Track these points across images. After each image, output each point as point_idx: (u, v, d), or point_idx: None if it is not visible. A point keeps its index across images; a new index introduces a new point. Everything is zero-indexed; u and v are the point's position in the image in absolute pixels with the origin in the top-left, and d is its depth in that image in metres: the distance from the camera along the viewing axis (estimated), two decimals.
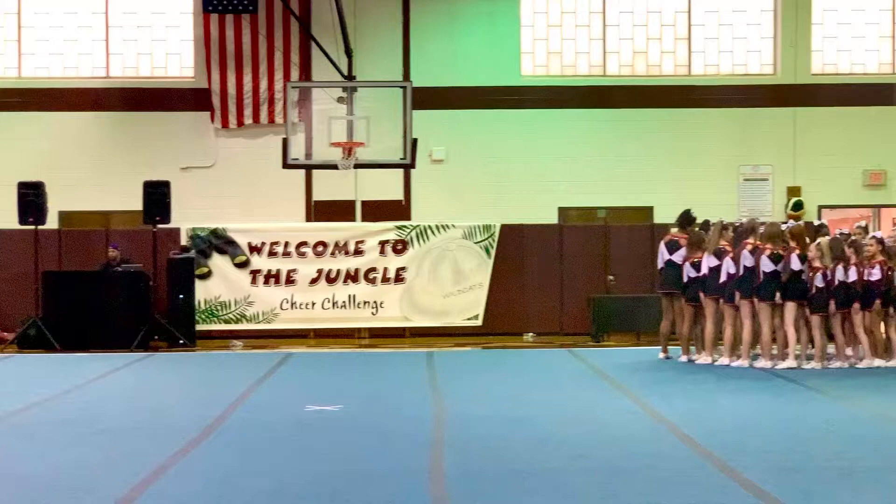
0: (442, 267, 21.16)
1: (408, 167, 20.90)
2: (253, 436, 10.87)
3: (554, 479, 8.84)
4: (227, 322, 20.85)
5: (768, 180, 23.67)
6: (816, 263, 15.63)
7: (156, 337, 19.66)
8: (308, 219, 23.04)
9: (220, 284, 20.80)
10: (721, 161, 23.47)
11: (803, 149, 23.59)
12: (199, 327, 20.28)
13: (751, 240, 15.96)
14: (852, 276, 15.69)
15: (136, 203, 20.57)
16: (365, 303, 20.99)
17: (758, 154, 23.62)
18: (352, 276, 20.93)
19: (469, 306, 21.18)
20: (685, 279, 16.57)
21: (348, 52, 20.69)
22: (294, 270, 20.86)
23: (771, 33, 23.89)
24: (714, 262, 16.16)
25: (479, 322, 21.12)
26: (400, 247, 21.05)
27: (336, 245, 20.98)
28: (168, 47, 23.67)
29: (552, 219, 23.15)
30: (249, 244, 20.89)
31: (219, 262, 20.86)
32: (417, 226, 21.33)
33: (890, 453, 9.89)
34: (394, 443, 10.39)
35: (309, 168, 21.96)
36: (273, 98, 22.91)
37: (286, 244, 20.92)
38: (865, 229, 16.89)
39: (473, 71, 23.45)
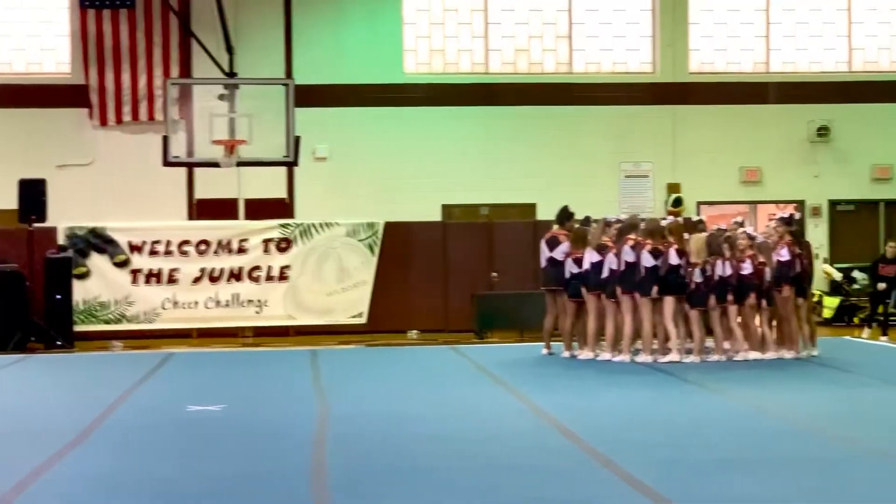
0: (326, 265, 21.06)
1: (291, 165, 20.78)
2: (133, 437, 10.70)
3: (437, 476, 8.85)
4: (106, 322, 20.48)
5: (649, 177, 24.02)
6: (694, 259, 15.90)
7: (32, 339, 19.25)
8: (190, 217, 22.79)
9: (99, 284, 20.42)
10: (602, 158, 23.76)
11: (682, 146, 23.99)
12: (77, 328, 19.90)
13: (632, 236, 16.16)
14: (728, 270, 15.98)
15: (10, 202, 20.13)
16: (249, 301, 20.80)
17: (638, 151, 23.96)
18: (235, 275, 20.73)
19: (353, 304, 21.11)
20: (567, 275, 16.70)
21: (229, 49, 20.51)
22: (176, 269, 20.58)
23: (650, 32, 24.25)
24: (596, 257, 16.32)
25: (363, 320, 21.07)
26: (284, 245, 20.90)
27: (219, 243, 20.74)
28: (43, 43, 23.20)
29: (436, 216, 23.22)
30: (130, 243, 20.55)
31: (98, 262, 20.48)
32: (301, 224, 21.20)
33: (765, 444, 10.10)
34: (276, 442, 10.31)
35: (190, 166, 21.71)
36: (153, 95, 22.59)
37: (168, 243, 20.62)
38: (741, 225, 17.20)
39: (356, 68, 23.41)
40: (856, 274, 23.62)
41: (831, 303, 22.98)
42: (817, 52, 24.61)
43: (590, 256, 16.38)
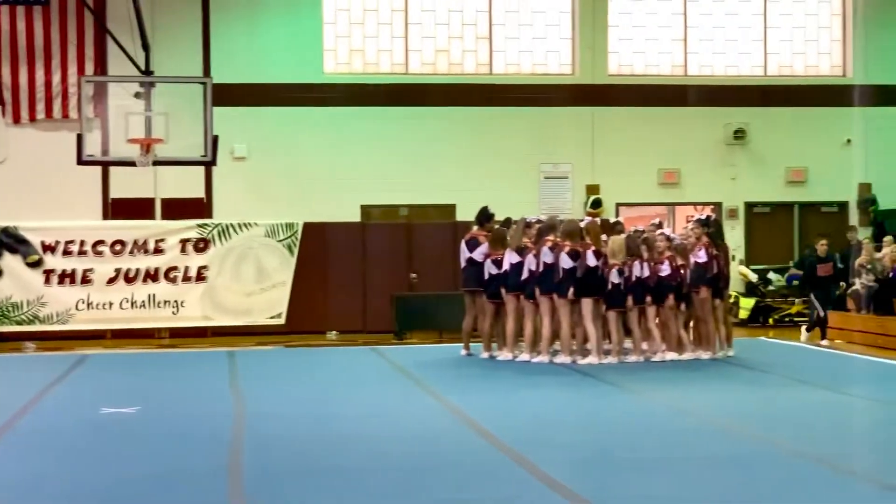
0: (244, 265, 20.88)
1: (209, 164, 20.55)
2: (46, 440, 10.51)
3: (354, 477, 8.80)
4: (19, 324, 20.12)
5: (568, 178, 24.13)
6: (612, 260, 15.98)
7: None
8: (105, 217, 22.47)
9: (11, 285, 20.05)
10: (522, 159, 23.82)
11: (601, 148, 24.12)
12: None
13: (551, 237, 16.20)
14: (646, 272, 16.08)
15: None
16: (165, 302, 20.55)
17: (558, 153, 24.06)
18: (151, 276, 20.47)
19: (272, 305, 20.95)
20: (486, 276, 16.71)
21: (146, 47, 20.20)
22: (90, 270, 20.27)
23: (569, 34, 24.35)
24: (515, 258, 16.33)
25: (282, 321, 20.92)
26: (201, 245, 20.68)
27: (135, 243, 20.46)
28: None
29: (355, 217, 23.13)
30: (43, 243, 20.20)
31: (10, 262, 20.10)
32: (219, 224, 21.00)
33: (681, 443, 10.17)
34: (192, 444, 10.19)
35: (105, 165, 21.38)
36: (67, 92, 22.26)
37: (82, 243, 20.30)
38: (659, 226, 17.33)
39: (276, 68, 23.25)
40: (771, 275, 23.92)
41: (747, 304, 23.25)
42: (734, 55, 24.89)
43: (509, 258, 16.39)
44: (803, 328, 19.85)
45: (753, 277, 23.84)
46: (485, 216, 17.32)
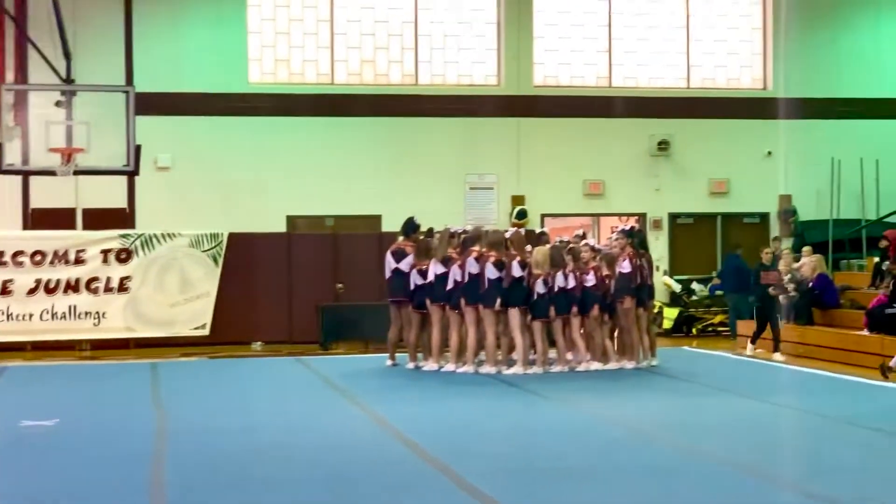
0: (168, 276, 20.70)
1: (132, 174, 20.30)
2: None
3: (279, 488, 8.74)
4: None
5: (493, 189, 24.20)
6: (537, 270, 16.03)
7: None
8: (25, 227, 22.13)
9: None
10: (448, 170, 23.84)
11: (527, 159, 24.22)
12: None
13: (476, 247, 16.23)
14: (571, 282, 16.16)
15: None
16: (86, 313, 20.29)
17: (483, 163, 24.11)
18: (72, 286, 20.20)
19: (196, 316, 20.77)
20: (412, 287, 16.70)
21: (67, 55, 19.95)
22: (10, 280, 19.96)
23: (495, 45, 24.44)
24: (441, 269, 16.34)
25: (206, 332, 20.74)
26: (124, 255, 20.46)
27: (55, 254, 20.19)
28: None
29: (281, 227, 23.01)
30: None
31: None
32: (142, 234, 20.79)
33: (605, 453, 10.23)
34: (113, 457, 10.05)
35: (26, 174, 21.03)
36: None
37: (1, 253, 19.99)
38: (584, 237, 17.43)
39: (200, 77, 23.06)
40: (695, 286, 24.15)
41: (671, 314, 23.44)
42: (658, 68, 25.12)
43: (434, 268, 16.40)
44: (749, 342, 19.22)
45: (677, 288, 24.05)
46: (411, 227, 17.31)
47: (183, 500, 8.35)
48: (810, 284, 20.19)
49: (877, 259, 20.78)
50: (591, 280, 16.28)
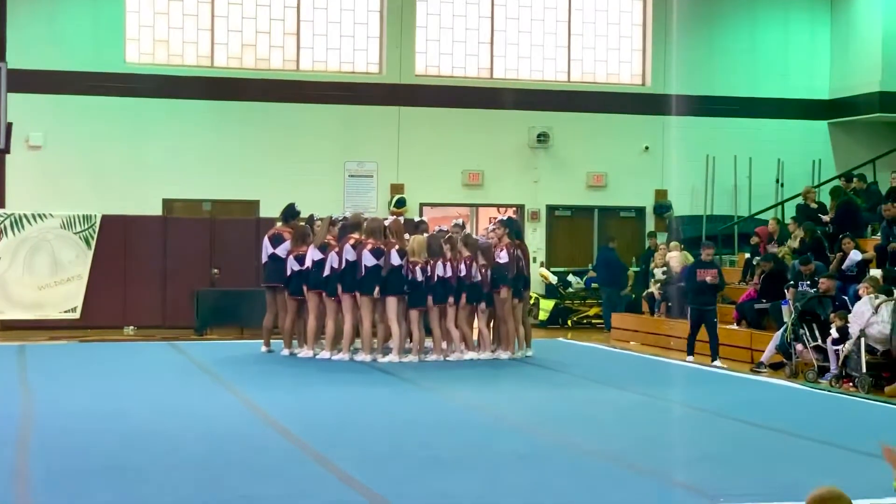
0: (38, 258, 20.29)
1: (2, 153, 19.87)
2: None
3: (147, 475, 8.61)
4: None
5: (373, 177, 24.13)
6: (413, 258, 16.05)
7: None
8: None
9: None
10: (328, 157, 23.71)
11: (407, 148, 24.19)
12: None
13: (354, 234, 16.19)
14: (448, 271, 16.20)
15: None
16: None
17: (363, 151, 24.02)
18: None
19: (67, 298, 20.40)
20: (289, 273, 16.60)
21: None
22: None
23: (377, 33, 24.36)
24: (318, 255, 16.26)
25: (76, 315, 20.37)
26: None
27: None
28: None
29: (157, 210, 22.65)
30: None
31: None
32: (11, 214, 20.33)
33: (476, 441, 10.28)
34: None
35: None
36: None
37: None
38: (462, 227, 17.49)
39: (76, 55, 22.57)
40: (571, 278, 24.39)
41: (547, 305, 23.65)
42: (539, 61, 25.29)
43: (312, 254, 16.32)
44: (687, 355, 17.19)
45: (553, 280, 24.26)
46: (291, 213, 17.22)
47: (47, 486, 8.18)
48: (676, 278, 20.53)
49: (748, 255, 21.22)
50: (463, 270, 16.29)
